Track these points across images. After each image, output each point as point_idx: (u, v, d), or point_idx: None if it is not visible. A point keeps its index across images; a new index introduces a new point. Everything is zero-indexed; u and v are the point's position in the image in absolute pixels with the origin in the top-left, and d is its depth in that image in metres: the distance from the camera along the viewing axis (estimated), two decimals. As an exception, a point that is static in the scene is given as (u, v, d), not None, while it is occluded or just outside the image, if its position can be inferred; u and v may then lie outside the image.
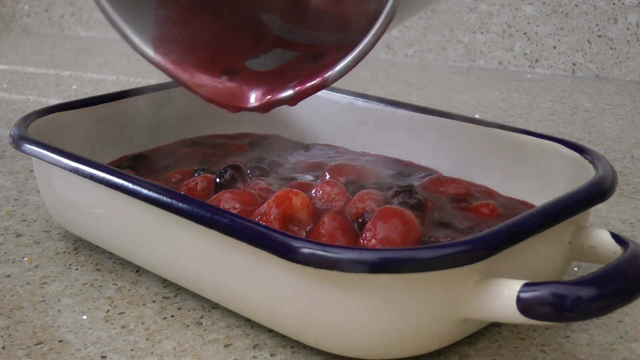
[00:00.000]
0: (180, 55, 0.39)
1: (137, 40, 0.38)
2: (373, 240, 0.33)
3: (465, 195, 0.41)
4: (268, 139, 0.53)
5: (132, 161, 0.48)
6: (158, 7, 0.40)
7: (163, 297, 0.37)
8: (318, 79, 0.35)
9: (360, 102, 0.50)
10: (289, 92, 0.36)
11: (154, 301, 0.37)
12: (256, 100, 0.37)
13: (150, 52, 0.38)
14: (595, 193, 0.33)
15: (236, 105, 0.38)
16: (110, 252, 0.41)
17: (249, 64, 0.40)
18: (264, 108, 0.37)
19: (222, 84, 0.38)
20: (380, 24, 0.32)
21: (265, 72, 0.39)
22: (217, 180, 0.41)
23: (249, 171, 0.43)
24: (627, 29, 0.83)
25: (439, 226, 0.37)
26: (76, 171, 0.37)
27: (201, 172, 0.43)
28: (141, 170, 0.46)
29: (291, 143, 0.52)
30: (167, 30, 0.39)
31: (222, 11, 0.42)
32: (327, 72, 0.34)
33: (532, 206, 0.40)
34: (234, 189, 0.39)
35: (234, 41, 0.42)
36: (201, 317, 0.35)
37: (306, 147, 0.50)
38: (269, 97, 0.37)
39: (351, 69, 0.34)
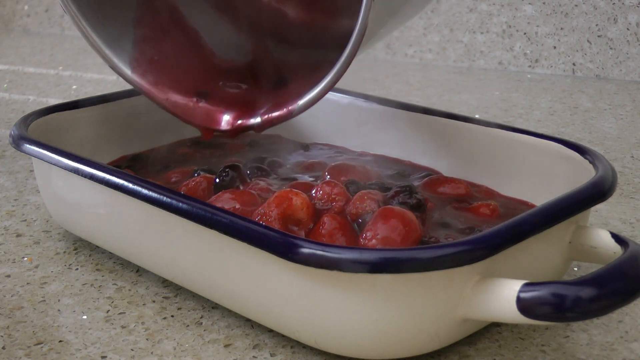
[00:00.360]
0: (156, 76, 0.39)
1: (115, 59, 0.39)
2: (373, 240, 0.33)
3: (466, 196, 0.41)
4: (268, 138, 0.53)
5: (132, 161, 0.48)
6: (136, 25, 0.40)
7: (163, 297, 0.37)
8: (284, 109, 0.36)
9: (360, 102, 0.49)
10: (257, 119, 0.37)
11: (154, 301, 0.37)
12: (227, 124, 0.38)
13: (127, 71, 0.39)
14: (595, 193, 0.33)
15: (208, 127, 0.39)
16: (110, 252, 0.41)
17: (222, 84, 0.41)
18: (233, 133, 0.39)
19: (195, 105, 0.39)
20: (346, 57, 0.34)
21: (235, 95, 0.40)
22: (217, 180, 0.41)
23: (248, 172, 0.43)
24: (627, 29, 0.83)
25: (440, 227, 0.37)
26: (76, 171, 0.37)
27: (201, 173, 0.43)
28: (140, 170, 0.46)
29: (291, 143, 0.52)
30: (144, 50, 0.40)
31: (197, 30, 0.43)
32: (293, 105, 0.36)
33: (532, 206, 0.40)
34: (233, 189, 0.39)
35: (208, 63, 0.42)
36: (201, 317, 0.35)
37: (306, 147, 0.50)
38: (239, 122, 0.38)
39: (316, 102, 0.35)
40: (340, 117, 0.51)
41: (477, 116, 0.68)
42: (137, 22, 0.41)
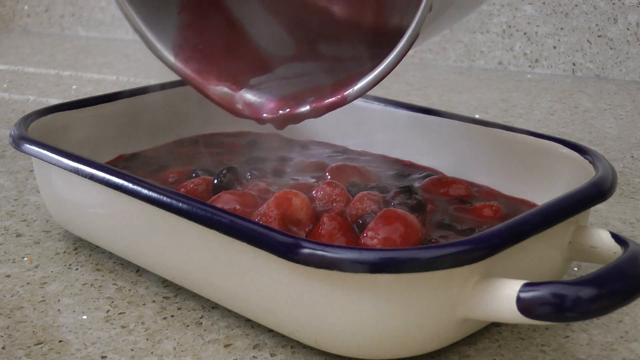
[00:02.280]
0: (200, 64, 0.38)
1: (158, 45, 0.38)
2: (374, 241, 0.33)
3: (467, 197, 0.41)
4: (267, 137, 0.53)
5: (129, 161, 0.47)
6: (181, 11, 0.40)
7: (163, 297, 0.37)
8: (337, 96, 0.34)
9: (360, 102, 0.49)
10: (306, 107, 0.36)
11: (154, 301, 0.37)
12: (273, 113, 0.37)
13: (170, 57, 0.38)
14: (595, 193, 0.33)
15: (254, 117, 0.38)
16: (110, 252, 0.41)
17: (267, 76, 0.40)
18: (281, 122, 0.37)
19: (241, 96, 0.38)
20: (404, 43, 0.32)
21: (283, 85, 0.39)
22: (215, 181, 0.41)
23: (248, 173, 0.43)
24: (627, 29, 0.83)
25: (441, 228, 0.37)
26: (76, 171, 0.37)
27: (199, 173, 0.43)
28: (138, 170, 0.46)
29: (290, 142, 0.52)
30: (187, 37, 0.39)
31: (241, 22, 0.42)
32: (347, 90, 0.34)
33: (534, 205, 0.40)
34: (233, 191, 0.39)
35: (253, 52, 0.42)
36: (201, 317, 0.35)
37: (305, 146, 0.50)
38: (287, 110, 0.37)
39: (372, 87, 0.33)
40: (340, 117, 0.51)
41: (477, 116, 0.68)
42: (182, 8, 0.40)
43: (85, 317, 0.35)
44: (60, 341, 0.33)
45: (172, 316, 0.35)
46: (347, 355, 0.31)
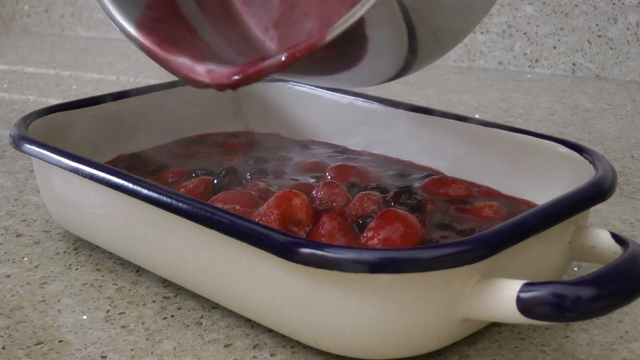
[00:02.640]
0: (162, 37, 0.37)
1: (119, 16, 0.37)
2: (374, 241, 0.33)
3: (467, 197, 0.41)
4: (267, 137, 0.53)
5: (128, 161, 0.47)
6: (147, 5, 0.39)
7: (163, 297, 0.37)
8: (315, 37, 0.32)
9: (360, 102, 0.50)
10: (279, 56, 0.33)
11: (154, 301, 0.37)
12: (244, 72, 0.35)
13: (131, 29, 0.37)
14: (595, 193, 0.33)
15: (218, 83, 0.36)
16: (110, 252, 0.41)
17: (232, 50, 0.39)
18: (255, 76, 0.34)
19: (203, 64, 0.37)
20: None
21: (251, 54, 0.38)
22: (215, 181, 0.41)
23: (248, 173, 0.43)
24: (627, 29, 0.83)
25: (441, 228, 0.37)
26: (76, 171, 0.37)
27: (199, 173, 0.43)
28: (137, 170, 0.46)
29: (290, 142, 0.52)
30: (152, 17, 0.39)
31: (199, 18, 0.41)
32: (327, 29, 0.31)
33: (534, 205, 0.40)
34: (233, 191, 0.39)
35: (216, 31, 0.41)
36: (201, 317, 0.35)
37: (305, 146, 0.50)
38: (259, 64, 0.34)
39: (355, 22, 0.30)
40: (340, 117, 0.51)
41: (477, 116, 0.68)
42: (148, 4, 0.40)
43: (85, 317, 0.35)
44: (60, 341, 0.33)
45: (172, 316, 0.35)
46: (347, 355, 0.31)
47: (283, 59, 0.32)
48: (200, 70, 0.35)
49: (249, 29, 0.43)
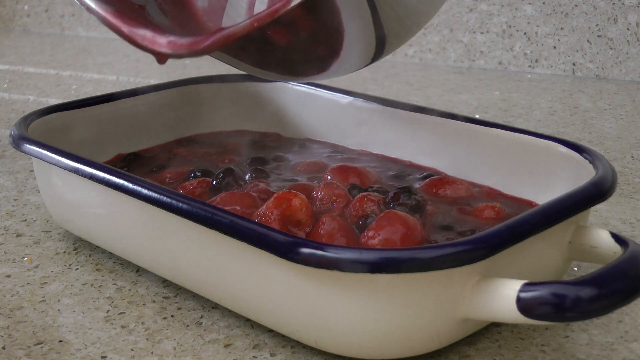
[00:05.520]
0: (123, 11, 0.37)
1: None
2: (374, 241, 0.33)
3: (467, 197, 0.41)
4: (266, 137, 0.53)
5: (127, 160, 0.47)
6: None
7: (163, 297, 0.37)
8: (278, 4, 0.31)
9: (360, 102, 0.50)
10: (245, 21, 0.33)
11: (154, 301, 0.37)
12: (211, 38, 0.34)
13: (92, 2, 0.37)
14: (595, 193, 0.33)
15: (180, 52, 0.35)
16: (110, 252, 0.41)
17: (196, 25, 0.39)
18: (215, 44, 0.33)
19: (164, 36, 0.36)
20: None
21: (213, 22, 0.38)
22: (214, 182, 0.41)
23: (248, 174, 0.43)
24: (627, 29, 0.83)
25: (442, 229, 0.37)
26: (76, 171, 0.37)
27: (197, 173, 0.43)
28: (136, 170, 0.46)
29: (290, 141, 0.52)
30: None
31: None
32: None
33: (536, 205, 0.40)
34: (233, 192, 0.39)
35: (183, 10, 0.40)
36: (201, 317, 0.35)
37: (305, 146, 0.50)
38: (223, 31, 0.34)
39: None
40: (340, 117, 0.51)
41: (477, 116, 0.68)
42: None
43: (85, 317, 0.35)
44: (60, 341, 0.33)
45: (172, 316, 0.35)
46: (347, 355, 0.31)
47: (247, 24, 0.31)
48: (162, 41, 0.35)
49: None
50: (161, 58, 0.35)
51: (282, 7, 0.31)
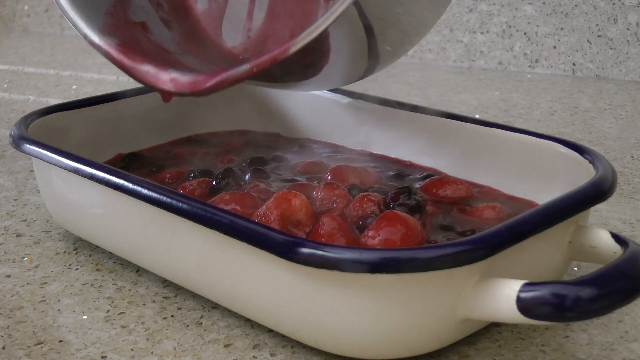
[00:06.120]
0: (125, 46, 0.38)
1: (82, 25, 0.38)
2: (374, 241, 0.33)
3: (467, 197, 0.41)
4: (266, 137, 0.53)
5: (127, 160, 0.47)
6: (107, 13, 0.40)
7: (163, 297, 0.37)
8: (279, 48, 0.32)
9: (360, 102, 0.49)
10: (245, 65, 0.34)
11: (154, 301, 0.37)
12: (205, 82, 0.35)
13: (95, 37, 0.37)
14: (595, 193, 0.33)
15: (181, 91, 0.36)
16: (110, 252, 0.41)
17: (196, 59, 0.40)
18: (218, 85, 0.34)
19: (167, 73, 0.37)
20: None
21: (216, 63, 0.38)
22: (213, 183, 0.41)
23: (248, 174, 0.43)
24: (627, 29, 0.83)
25: (442, 229, 0.37)
26: (76, 171, 0.37)
27: (197, 173, 0.43)
28: (135, 170, 0.46)
29: (289, 141, 0.51)
30: (114, 28, 0.39)
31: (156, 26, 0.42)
32: (290, 42, 0.32)
33: (536, 205, 0.40)
34: (233, 192, 0.39)
35: (177, 43, 0.41)
36: (201, 317, 0.35)
37: (304, 146, 0.50)
38: (223, 74, 0.35)
39: (316, 37, 0.31)
40: (339, 117, 0.51)
41: (477, 116, 0.68)
42: (108, 11, 0.40)
43: (85, 317, 0.35)
44: (60, 341, 0.33)
45: (172, 316, 0.35)
46: (347, 355, 0.31)
47: (246, 69, 0.33)
48: (164, 78, 0.36)
49: (211, 40, 0.43)
50: (165, 97, 0.36)
51: (281, 54, 0.32)
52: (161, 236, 0.35)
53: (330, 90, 0.51)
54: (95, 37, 0.37)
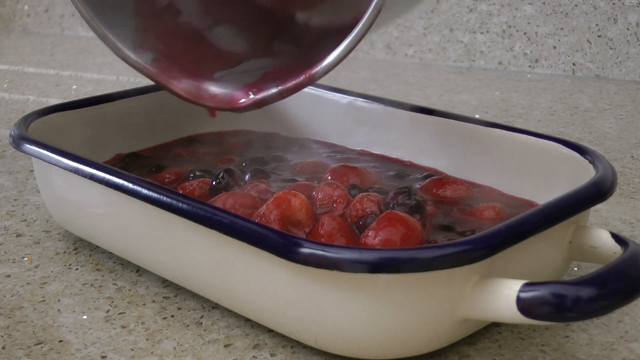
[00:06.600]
0: (163, 62, 0.39)
1: (119, 44, 0.38)
2: (374, 241, 0.33)
3: (467, 197, 0.41)
4: (266, 137, 0.53)
5: (126, 160, 0.47)
6: (138, 15, 0.40)
7: (163, 297, 0.37)
8: (304, 75, 0.34)
9: (360, 102, 0.50)
10: (274, 89, 0.36)
11: (154, 301, 0.37)
12: (242, 100, 0.37)
13: (132, 56, 0.38)
14: (595, 193, 0.33)
15: (222, 107, 0.38)
16: (110, 252, 0.41)
17: (230, 70, 0.40)
18: (251, 107, 0.37)
19: (205, 88, 0.38)
20: (368, 18, 0.32)
21: (247, 76, 0.40)
22: (213, 183, 0.41)
23: (248, 174, 0.43)
24: (627, 29, 0.83)
25: (442, 230, 0.37)
26: (76, 171, 0.37)
27: (197, 173, 0.43)
28: (135, 170, 0.46)
29: (289, 141, 0.51)
30: (147, 38, 0.40)
31: (196, 22, 0.42)
32: (314, 68, 0.34)
33: (536, 205, 0.40)
34: (233, 192, 0.39)
35: (212, 50, 0.42)
36: (201, 317, 0.35)
37: (304, 146, 0.50)
38: (255, 95, 0.37)
39: (338, 64, 0.34)
40: (339, 117, 0.51)
41: (477, 116, 0.68)
42: (137, 12, 0.40)
43: (85, 317, 0.35)
44: (60, 341, 0.33)
45: (172, 316, 0.35)
46: (347, 355, 0.31)
47: (278, 93, 0.37)
48: (205, 96, 0.38)
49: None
50: (213, 114, 0.39)
51: (308, 81, 0.35)
52: (161, 236, 0.35)
53: (330, 90, 0.51)
54: (132, 56, 0.38)
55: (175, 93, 0.39)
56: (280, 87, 0.36)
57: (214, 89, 0.38)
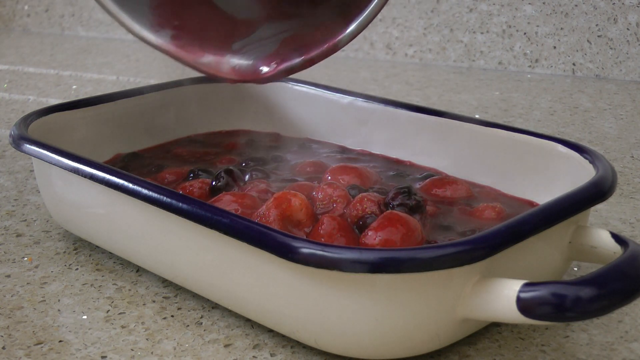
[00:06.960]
0: (181, 39, 0.38)
1: (137, 26, 0.38)
2: (374, 241, 0.33)
3: (468, 197, 0.41)
4: (265, 136, 0.53)
5: (126, 160, 0.47)
6: None
7: (163, 297, 0.37)
8: (328, 43, 0.34)
9: (360, 102, 0.50)
10: (297, 59, 0.35)
11: (154, 301, 0.37)
12: (265, 70, 0.37)
13: (152, 37, 0.38)
14: (595, 193, 0.33)
15: (245, 79, 0.37)
16: (110, 252, 0.41)
17: (248, 39, 0.40)
18: (276, 77, 0.37)
19: (227, 61, 0.38)
20: None
21: (267, 45, 0.39)
22: (213, 183, 0.41)
23: (248, 174, 0.43)
24: (627, 29, 0.83)
25: (442, 230, 0.37)
26: (76, 171, 0.37)
27: (198, 173, 0.43)
28: (135, 170, 0.46)
29: (289, 141, 0.52)
30: (163, 15, 0.39)
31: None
32: (338, 36, 0.33)
33: (536, 205, 0.40)
34: (233, 192, 0.39)
35: (228, 20, 0.42)
36: (201, 317, 0.35)
37: (304, 146, 0.50)
38: (277, 65, 0.36)
39: (362, 30, 0.33)
40: (340, 117, 0.51)
41: (477, 116, 0.68)
42: None
43: (85, 317, 0.35)
44: (60, 341, 0.33)
45: (172, 316, 0.35)
46: (347, 355, 0.31)
47: (301, 63, 0.35)
48: (226, 69, 0.37)
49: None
50: (230, 82, 0.39)
51: (332, 50, 0.34)
52: (161, 236, 0.35)
53: (330, 90, 0.51)
54: (151, 36, 0.38)
55: (198, 69, 0.39)
56: (304, 57, 0.35)
57: (236, 61, 0.38)
